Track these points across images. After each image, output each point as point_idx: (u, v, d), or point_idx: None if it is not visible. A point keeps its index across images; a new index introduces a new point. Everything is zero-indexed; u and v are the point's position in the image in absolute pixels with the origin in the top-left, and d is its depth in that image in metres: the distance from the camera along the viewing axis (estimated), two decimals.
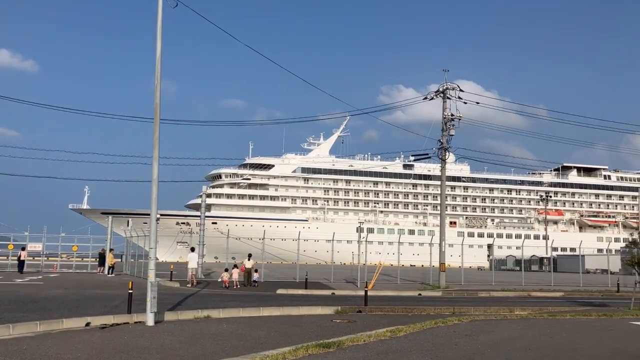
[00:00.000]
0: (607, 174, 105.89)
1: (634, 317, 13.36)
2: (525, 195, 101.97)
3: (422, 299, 22.42)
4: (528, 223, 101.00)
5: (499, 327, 11.38)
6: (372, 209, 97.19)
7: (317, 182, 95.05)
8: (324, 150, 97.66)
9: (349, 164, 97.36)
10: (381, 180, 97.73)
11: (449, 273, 30.22)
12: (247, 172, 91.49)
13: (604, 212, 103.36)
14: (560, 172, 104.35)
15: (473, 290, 25.66)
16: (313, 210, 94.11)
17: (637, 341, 9.68)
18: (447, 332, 10.56)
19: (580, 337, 10.10)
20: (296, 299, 19.75)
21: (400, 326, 11.16)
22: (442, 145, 28.16)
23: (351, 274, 33.41)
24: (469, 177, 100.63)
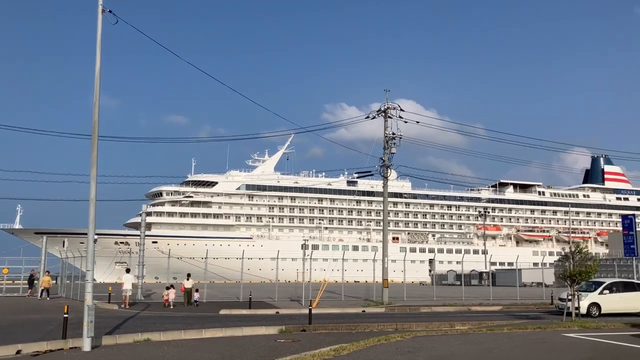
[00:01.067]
0: (541, 190, 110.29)
1: (566, 328, 13.91)
2: (465, 210, 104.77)
3: (365, 315, 22.59)
4: (467, 238, 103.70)
5: (440, 342, 11.59)
6: (317, 225, 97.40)
7: (262, 199, 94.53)
8: (269, 167, 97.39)
9: (294, 180, 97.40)
10: (326, 197, 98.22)
11: (392, 288, 30.57)
12: (190, 190, 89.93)
13: (539, 227, 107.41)
14: (497, 189, 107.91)
15: (415, 306, 26.06)
16: (258, 228, 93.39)
17: (570, 352, 10.07)
18: (390, 349, 10.67)
19: (517, 351, 10.42)
20: (240, 320, 19.50)
21: (344, 344, 11.21)
22: (384, 163, 28.65)
23: (296, 292, 33.27)
24: (411, 193, 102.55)
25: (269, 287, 43.31)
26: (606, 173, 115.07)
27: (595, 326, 14.39)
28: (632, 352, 10.24)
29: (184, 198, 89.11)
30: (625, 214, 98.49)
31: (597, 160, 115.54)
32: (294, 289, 37.13)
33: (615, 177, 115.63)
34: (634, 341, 11.54)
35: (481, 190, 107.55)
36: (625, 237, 28.08)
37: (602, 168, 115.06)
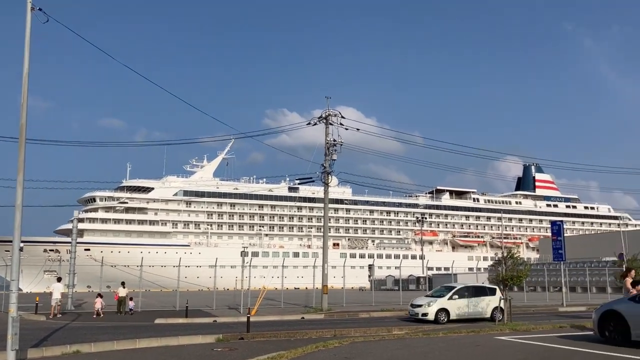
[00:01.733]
0: (475, 196, 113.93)
1: (499, 332, 14.34)
2: (403, 217, 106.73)
3: (305, 322, 22.53)
4: (406, 243, 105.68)
5: (377, 348, 11.67)
6: (257, 232, 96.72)
7: (200, 206, 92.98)
8: (208, 172, 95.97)
9: (234, 186, 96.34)
10: (266, 203, 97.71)
11: (331, 294, 30.66)
12: (125, 196, 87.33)
13: (474, 233, 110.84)
14: (434, 195, 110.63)
15: (354, 312, 26.24)
16: (195, 235, 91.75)
17: (501, 355, 10.35)
18: (327, 355, 10.66)
19: (451, 354, 10.62)
20: (176, 329, 19.03)
21: (282, 352, 11.10)
22: (325, 170, 28.77)
23: (234, 300, 32.84)
24: (351, 199, 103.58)
25: (207, 295, 42.64)
26: (537, 181, 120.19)
27: (525, 329, 14.90)
28: (558, 353, 10.65)
29: (118, 204, 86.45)
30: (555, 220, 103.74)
31: (529, 169, 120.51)
32: (233, 297, 36.67)
33: (545, 184, 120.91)
34: (560, 342, 12.01)
35: (419, 197, 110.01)
36: (554, 243, 29.35)
37: (533, 176, 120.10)
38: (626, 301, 11.76)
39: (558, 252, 28.63)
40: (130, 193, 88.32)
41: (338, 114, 28.94)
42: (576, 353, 10.53)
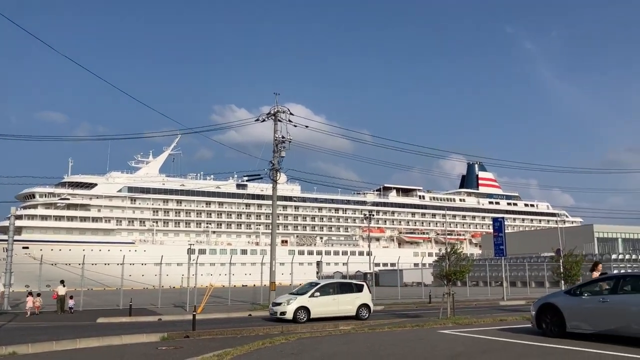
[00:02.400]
0: (421, 194, 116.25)
1: (442, 325, 14.68)
2: (351, 214, 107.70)
3: (252, 319, 22.46)
4: (353, 240, 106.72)
5: (323, 343, 11.75)
6: (204, 229, 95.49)
7: (146, 203, 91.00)
8: (154, 168, 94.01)
9: (181, 183, 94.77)
10: (214, 200, 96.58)
11: (280, 291, 30.61)
12: (66, 192, 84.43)
13: (419, 229, 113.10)
14: (381, 193, 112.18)
15: None
16: (141, 232, 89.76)
17: (443, 348, 10.60)
18: (274, 352, 10.65)
19: (396, 348, 10.80)
20: (119, 328, 18.60)
21: (228, 349, 11.02)
22: (274, 167, 28.70)
23: (181, 298, 32.31)
24: (300, 196, 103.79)
25: (153, 294, 41.71)
26: (480, 179, 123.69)
27: (467, 322, 15.32)
28: (498, 344, 11.00)
29: (59, 200, 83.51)
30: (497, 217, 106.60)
31: (472, 167, 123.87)
32: (179, 295, 36.06)
33: (488, 182, 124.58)
34: (500, 334, 12.42)
35: (367, 194, 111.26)
36: (495, 239, 30.30)
37: (476, 174, 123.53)
38: (562, 294, 12.27)
39: (499, 247, 29.58)
40: (72, 189, 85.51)
41: (287, 111, 28.96)
42: (515, 345, 10.90)
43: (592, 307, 11.16)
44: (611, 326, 10.73)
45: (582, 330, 11.28)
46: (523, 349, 10.35)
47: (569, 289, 12.51)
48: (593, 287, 11.79)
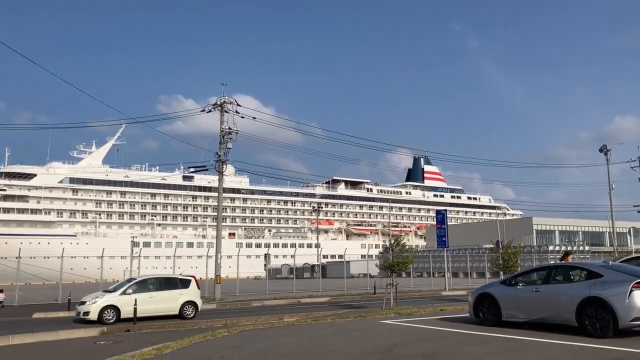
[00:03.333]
0: (369, 187, 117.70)
1: (384, 316, 14.92)
2: (300, 206, 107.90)
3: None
4: (302, 232, 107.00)
5: (266, 335, 11.74)
6: (149, 222, 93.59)
7: (88, 194, 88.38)
8: (97, 159, 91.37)
9: (125, 174, 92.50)
10: (159, 192, 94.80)
11: (226, 284, 30.40)
12: (2, 182, 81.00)
13: (367, 222, 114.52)
14: (330, 185, 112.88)
15: (247, 301, 26.22)
16: (83, 225, 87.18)
17: (384, 338, 10.78)
18: (215, 345, 10.57)
19: (337, 339, 10.90)
20: (56, 323, 18.00)
21: (168, 343, 10.85)
22: (220, 158, 28.36)
23: None
24: (248, 189, 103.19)
25: (95, 288, 40.62)
26: (426, 172, 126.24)
27: (409, 312, 15.63)
28: (436, 333, 11.28)
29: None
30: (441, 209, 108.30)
31: (418, 161, 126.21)
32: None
33: (433, 176, 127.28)
34: (439, 324, 12.73)
35: (316, 187, 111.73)
36: (438, 230, 31.02)
37: (422, 168, 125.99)
38: (498, 284, 12.68)
39: (442, 239, 30.29)
40: (9, 180, 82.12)
41: (234, 102, 28.64)
42: (452, 333, 11.20)
43: (525, 297, 11.57)
44: (543, 314, 11.16)
45: (516, 319, 11.70)
46: (459, 337, 10.65)
47: (504, 279, 12.96)
48: (527, 277, 12.23)
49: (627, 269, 10.88)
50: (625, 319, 9.73)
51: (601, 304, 10.02)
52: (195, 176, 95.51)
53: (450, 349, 9.26)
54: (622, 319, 9.74)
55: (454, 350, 9.13)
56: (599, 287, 10.23)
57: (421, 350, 9.28)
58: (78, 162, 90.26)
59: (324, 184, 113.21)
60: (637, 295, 9.77)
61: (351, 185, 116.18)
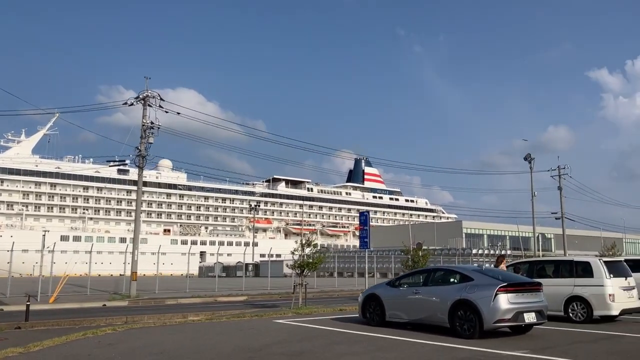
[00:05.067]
0: (310, 186, 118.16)
1: (281, 315, 15.08)
2: (239, 204, 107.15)
3: (104, 309, 21.73)
4: (240, 231, 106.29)
5: (151, 333, 11.68)
6: (80, 215, 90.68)
7: (15, 185, 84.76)
8: (26, 149, 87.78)
9: (56, 165, 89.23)
10: (93, 185, 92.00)
11: (150, 281, 29.87)
12: None
13: (306, 221, 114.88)
14: (271, 184, 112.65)
15: (162, 298, 25.87)
16: (8, 217, 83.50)
17: (265, 337, 10.93)
18: (91, 342, 10.43)
19: (220, 338, 10.97)
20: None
21: (44, 341, 10.63)
22: (140, 153, 27.83)
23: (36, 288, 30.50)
24: (186, 185, 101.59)
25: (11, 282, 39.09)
26: (366, 174, 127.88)
27: (308, 312, 15.88)
28: (319, 332, 11.53)
29: None
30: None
31: (359, 162, 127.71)
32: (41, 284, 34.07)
33: (373, 177, 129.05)
34: (329, 323, 13.01)
35: (255, 185, 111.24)
36: (361, 232, 31.46)
37: (363, 169, 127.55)
38: (384, 285, 13.08)
39: (364, 240, 30.72)
40: None
41: (157, 96, 28.20)
42: (332, 332, 11.48)
43: (407, 298, 12.00)
44: (421, 315, 11.62)
45: (399, 319, 12.12)
46: (336, 336, 10.93)
47: (390, 280, 13.37)
48: (409, 279, 12.68)
49: (496, 274, 11.47)
50: (489, 321, 10.27)
51: (470, 306, 10.53)
52: (130, 170, 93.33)
53: (319, 348, 9.50)
54: (486, 320, 10.28)
55: (322, 350, 9.37)
56: (469, 290, 10.75)
57: (292, 349, 9.47)
58: (5, 150, 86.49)
59: (265, 182, 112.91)
60: (501, 298, 10.34)
61: (292, 185, 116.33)
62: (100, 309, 21.82)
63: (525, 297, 10.65)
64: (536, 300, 10.82)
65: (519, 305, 10.42)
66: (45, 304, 23.57)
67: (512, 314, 10.28)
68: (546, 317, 11.05)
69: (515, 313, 10.32)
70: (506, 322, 10.33)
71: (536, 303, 10.77)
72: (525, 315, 10.45)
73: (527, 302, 10.63)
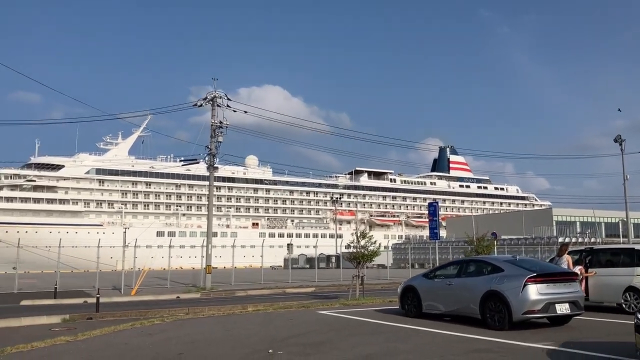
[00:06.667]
0: (393, 177, 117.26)
1: (329, 307, 15.36)
2: (322, 197, 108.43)
3: (177, 301, 22.97)
4: (324, 223, 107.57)
5: (194, 324, 12.37)
6: (174, 212, 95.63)
7: (114, 185, 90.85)
8: (123, 150, 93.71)
9: (150, 165, 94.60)
10: (184, 183, 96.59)
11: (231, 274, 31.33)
12: (32, 173, 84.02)
13: (390, 212, 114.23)
14: (353, 176, 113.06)
15: (232, 290, 26.95)
16: (109, 215, 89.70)
17: (296, 328, 11.27)
18: (134, 332, 11.24)
19: (255, 328, 11.43)
20: (37, 310, 18.98)
21: (95, 330, 11.57)
22: (211, 152, 29.10)
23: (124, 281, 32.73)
24: (272, 179, 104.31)
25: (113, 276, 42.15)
26: (452, 162, 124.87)
27: (355, 303, 16.08)
28: (350, 324, 11.71)
29: (25, 182, 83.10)
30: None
31: (444, 151, 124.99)
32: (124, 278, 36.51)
33: (459, 166, 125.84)
34: (369, 315, 13.16)
35: (338, 178, 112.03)
36: (430, 223, 31.23)
37: (448, 157, 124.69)
38: (420, 277, 13.01)
39: (434, 231, 30.50)
40: (38, 171, 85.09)
41: (224, 96, 29.32)
42: (365, 323, 11.64)
43: (441, 290, 11.92)
44: (455, 307, 11.50)
45: (435, 311, 12.06)
46: (364, 327, 11.11)
47: (426, 272, 13.28)
48: (444, 270, 12.56)
49: (528, 264, 11.12)
50: (518, 312, 10.03)
51: (499, 298, 10.33)
52: (219, 167, 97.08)
53: (339, 339, 9.70)
54: (515, 311, 10.04)
55: (341, 340, 9.57)
56: (499, 281, 10.53)
57: (314, 339, 9.74)
58: (105, 153, 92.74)
59: (347, 174, 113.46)
60: (530, 289, 10.05)
61: (374, 176, 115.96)
62: (173, 301, 23.10)
63: (557, 288, 10.28)
64: (570, 290, 10.40)
65: (549, 296, 10.08)
66: (127, 296, 25.31)
67: (542, 304, 9.97)
68: (583, 308, 10.59)
69: (546, 304, 10.00)
70: (536, 313, 10.03)
71: (570, 294, 10.35)
72: (557, 306, 10.08)
73: (560, 292, 10.25)
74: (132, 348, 9.35)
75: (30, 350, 9.25)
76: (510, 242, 47.13)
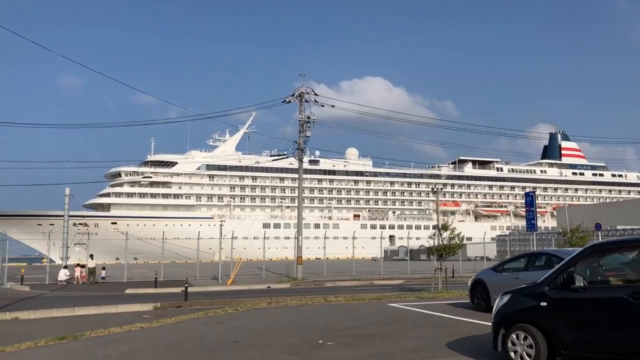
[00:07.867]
0: (499, 166, 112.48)
1: (401, 299, 15.27)
2: (424, 187, 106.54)
3: (267, 291, 23.80)
4: (427, 214, 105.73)
5: (262, 314, 12.88)
6: (278, 205, 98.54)
7: (223, 179, 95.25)
8: (230, 146, 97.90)
9: (255, 160, 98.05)
10: (287, 176, 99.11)
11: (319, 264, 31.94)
12: (149, 170, 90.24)
13: (497, 202, 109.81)
14: (457, 165, 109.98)
15: (321, 281, 27.46)
16: (219, 208, 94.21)
17: (359, 320, 11.37)
18: (205, 320, 11.91)
19: (318, 319, 11.70)
20: (138, 298, 20.52)
21: (170, 318, 12.40)
22: (299, 146, 29.74)
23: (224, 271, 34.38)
24: (372, 171, 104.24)
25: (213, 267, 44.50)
26: (563, 149, 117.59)
27: (431, 297, 15.81)
28: (417, 316, 11.62)
29: (143, 178, 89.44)
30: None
31: (555, 137, 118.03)
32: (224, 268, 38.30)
33: (571, 152, 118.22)
34: (438, 308, 12.94)
35: (441, 167, 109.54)
36: (528, 213, 29.70)
37: (559, 144, 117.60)
38: (489, 271, 12.59)
39: (531, 222, 29.01)
40: (154, 168, 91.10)
41: (311, 92, 29.79)
42: (428, 317, 11.50)
43: (509, 283, 11.40)
44: None
45: None
46: (426, 320, 11.00)
47: (495, 265, 12.80)
48: (512, 264, 12.10)
49: None
50: None
51: None
52: (320, 160, 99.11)
53: (396, 332, 9.71)
54: None
55: (396, 333, 9.57)
56: None
57: (371, 331, 9.82)
58: (214, 149, 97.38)
59: (450, 164, 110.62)
60: None
61: (479, 165, 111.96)
62: (263, 291, 23.97)
63: None
64: None
65: None
66: (223, 285, 26.64)
67: None
68: None
69: None
70: None
71: None
72: None
73: None
74: (195, 335, 9.95)
75: (106, 335, 10.14)
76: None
